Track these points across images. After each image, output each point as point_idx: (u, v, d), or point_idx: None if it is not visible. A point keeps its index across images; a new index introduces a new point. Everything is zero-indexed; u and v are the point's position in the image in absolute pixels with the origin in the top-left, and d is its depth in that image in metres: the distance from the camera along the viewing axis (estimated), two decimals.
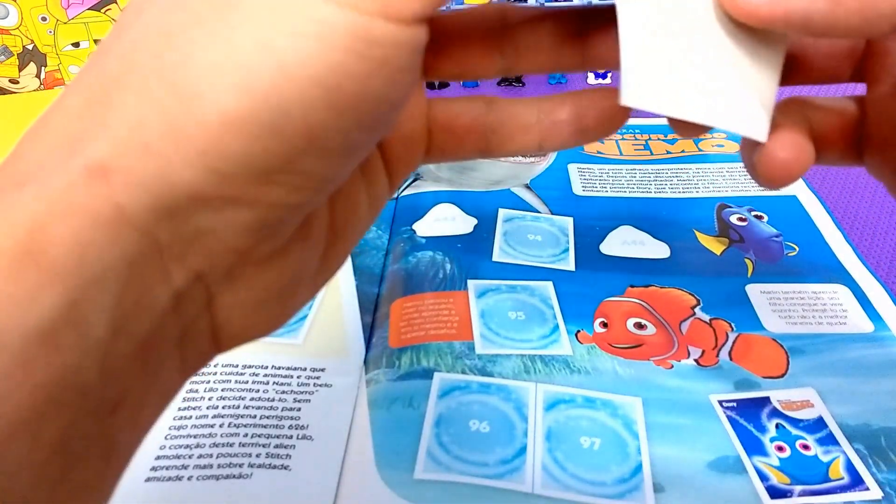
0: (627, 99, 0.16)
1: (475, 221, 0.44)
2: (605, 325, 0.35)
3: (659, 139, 0.54)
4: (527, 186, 0.48)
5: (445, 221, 0.44)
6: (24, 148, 0.14)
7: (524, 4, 0.73)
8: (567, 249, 0.41)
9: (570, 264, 0.40)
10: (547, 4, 0.73)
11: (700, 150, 0.51)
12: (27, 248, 0.12)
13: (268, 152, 0.13)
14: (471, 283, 0.38)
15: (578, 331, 0.35)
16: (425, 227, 0.44)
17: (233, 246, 0.15)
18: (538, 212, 0.45)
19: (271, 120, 0.13)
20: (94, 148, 0.13)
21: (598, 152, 0.53)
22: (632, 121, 0.58)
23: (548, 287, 0.38)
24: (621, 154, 0.52)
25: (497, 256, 0.41)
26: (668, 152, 0.51)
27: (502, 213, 0.45)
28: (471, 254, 0.41)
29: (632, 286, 0.38)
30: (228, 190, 0.14)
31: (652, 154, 0.52)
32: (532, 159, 0.51)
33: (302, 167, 0.14)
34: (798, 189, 0.48)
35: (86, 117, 0.14)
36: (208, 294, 0.15)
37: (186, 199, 0.13)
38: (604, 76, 0.69)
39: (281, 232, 0.16)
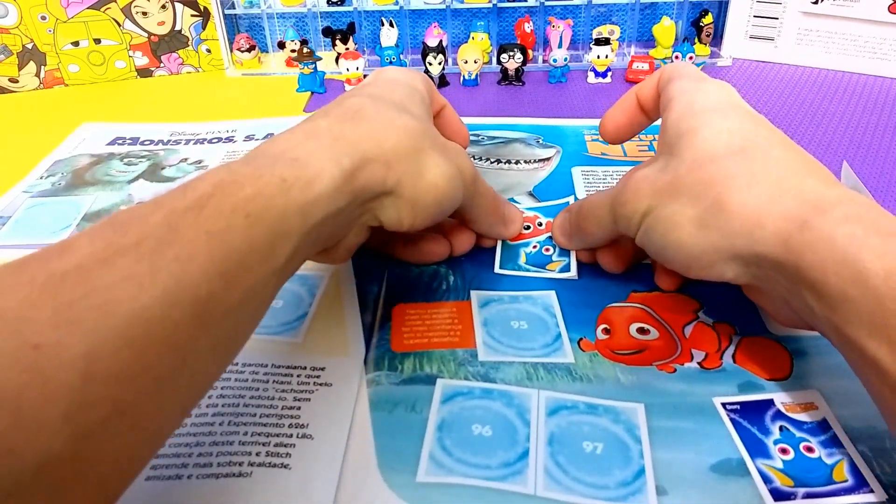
0: None
1: None
2: (607, 331, 0.35)
3: None
4: (530, 194, 0.48)
5: None
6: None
7: (523, 4, 0.73)
8: (569, 262, 0.40)
9: (572, 273, 0.40)
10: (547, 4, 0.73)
11: None
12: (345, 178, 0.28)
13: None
14: (474, 293, 0.38)
15: (581, 338, 0.35)
16: None
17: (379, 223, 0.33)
18: (540, 213, 0.45)
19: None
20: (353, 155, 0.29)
21: (603, 154, 0.53)
22: None
23: (551, 296, 0.38)
24: (625, 155, 0.52)
25: (499, 268, 0.40)
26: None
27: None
28: (474, 265, 0.41)
29: (634, 291, 0.38)
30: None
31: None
32: (536, 165, 0.51)
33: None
34: None
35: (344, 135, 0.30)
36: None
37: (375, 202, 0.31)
38: (604, 75, 0.69)
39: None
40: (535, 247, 0.42)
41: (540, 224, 0.43)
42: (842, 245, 0.24)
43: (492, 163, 0.51)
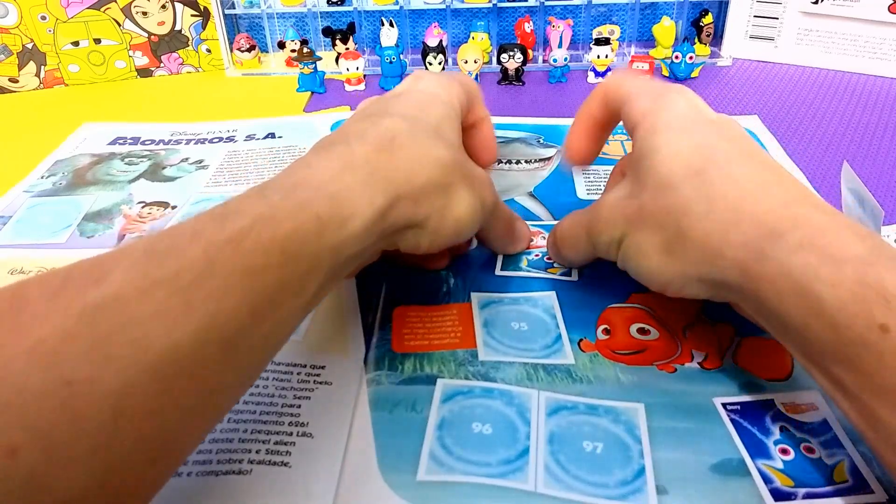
0: None
1: None
2: (607, 331, 0.35)
3: None
4: (530, 194, 0.48)
5: None
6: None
7: (522, 3, 0.73)
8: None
9: (573, 274, 0.40)
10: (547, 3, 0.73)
11: None
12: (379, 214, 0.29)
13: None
14: (474, 295, 0.38)
15: (581, 339, 0.35)
16: None
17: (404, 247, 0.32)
18: (541, 220, 0.45)
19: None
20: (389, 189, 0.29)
21: (603, 153, 0.52)
22: None
23: (551, 297, 0.38)
24: (626, 153, 0.52)
25: (500, 270, 0.40)
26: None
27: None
28: (474, 267, 0.41)
29: (635, 292, 0.38)
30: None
31: None
32: (536, 165, 0.51)
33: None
34: None
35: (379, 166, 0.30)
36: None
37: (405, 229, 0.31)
38: (604, 75, 0.69)
39: None
40: (537, 255, 0.42)
41: (544, 238, 0.43)
42: (797, 276, 0.24)
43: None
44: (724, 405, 0.31)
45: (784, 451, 0.29)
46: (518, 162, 0.51)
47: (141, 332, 0.20)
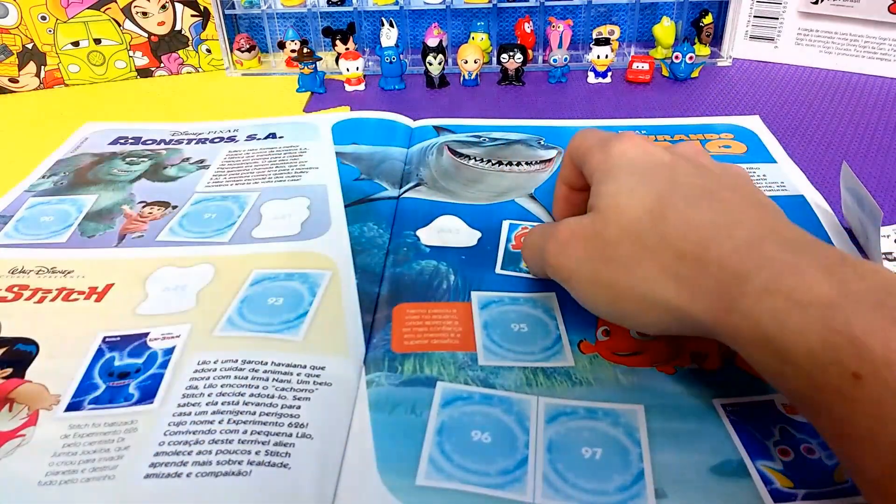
0: None
1: (479, 235, 0.44)
2: (607, 333, 0.35)
3: (665, 139, 0.54)
4: (531, 196, 0.48)
5: (449, 233, 0.44)
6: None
7: (522, 4, 0.73)
8: None
9: None
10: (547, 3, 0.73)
11: (706, 151, 0.50)
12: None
13: None
14: (474, 294, 0.38)
15: (581, 340, 0.35)
16: (429, 237, 0.43)
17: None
18: (541, 221, 0.45)
19: None
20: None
21: None
22: (637, 121, 0.58)
23: (551, 298, 0.38)
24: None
25: (501, 269, 0.40)
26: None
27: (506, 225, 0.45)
28: (474, 266, 0.41)
29: None
30: None
31: None
32: (537, 167, 0.51)
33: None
34: (805, 188, 0.48)
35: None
36: None
37: None
38: (604, 75, 0.69)
39: None
40: None
41: None
42: (765, 325, 0.24)
43: (493, 164, 0.51)
44: (723, 406, 0.31)
45: (784, 452, 0.29)
46: (518, 164, 0.51)
47: None
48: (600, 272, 0.30)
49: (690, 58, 0.68)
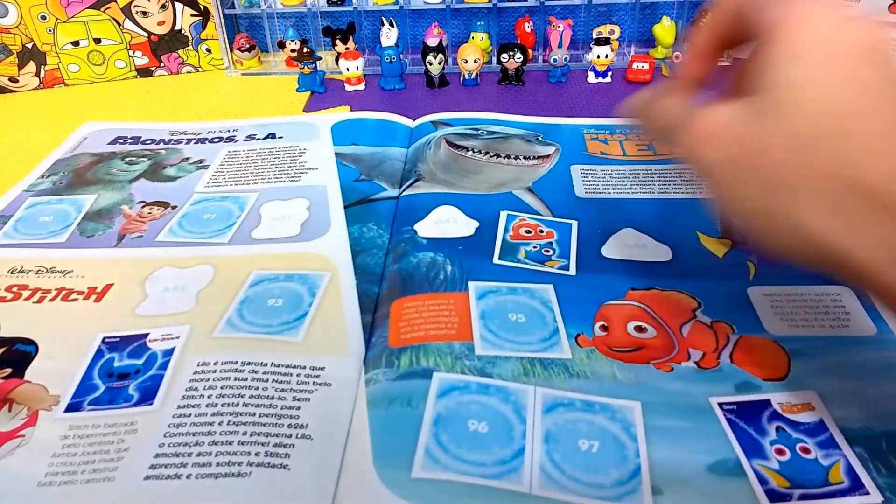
0: None
1: (477, 224, 0.44)
2: (605, 328, 0.35)
3: None
4: (529, 189, 0.48)
5: (447, 223, 0.44)
6: None
7: (521, 3, 0.73)
8: (568, 264, 0.40)
9: (571, 268, 0.40)
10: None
11: None
12: None
13: None
14: (471, 284, 0.38)
15: (578, 334, 0.35)
16: (427, 229, 0.44)
17: None
18: (539, 214, 0.45)
19: None
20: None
21: (602, 153, 0.53)
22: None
23: (549, 290, 0.38)
24: (625, 154, 0.52)
25: (498, 259, 0.41)
26: (672, 152, 0.51)
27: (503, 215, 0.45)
28: (472, 256, 0.41)
29: (633, 289, 0.38)
30: None
31: (655, 154, 0.52)
32: (535, 161, 0.51)
33: None
34: None
35: None
36: None
37: None
38: (604, 75, 0.69)
39: None
40: (535, 247, 0.42)
41: (541, 231, 0.43)
42: None
43: (490, 157, 0.51)
44: (720, 405, 0.31)
45: (780, 452, 0.29)
46: (516, 157, 0.51)
47: None
48: (748, 181, 0.24)
49: None
